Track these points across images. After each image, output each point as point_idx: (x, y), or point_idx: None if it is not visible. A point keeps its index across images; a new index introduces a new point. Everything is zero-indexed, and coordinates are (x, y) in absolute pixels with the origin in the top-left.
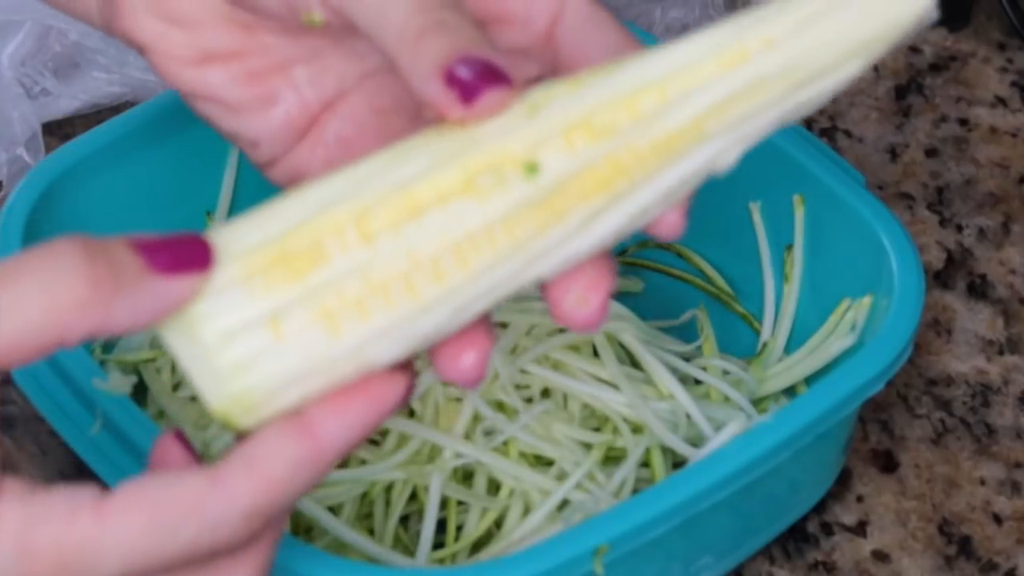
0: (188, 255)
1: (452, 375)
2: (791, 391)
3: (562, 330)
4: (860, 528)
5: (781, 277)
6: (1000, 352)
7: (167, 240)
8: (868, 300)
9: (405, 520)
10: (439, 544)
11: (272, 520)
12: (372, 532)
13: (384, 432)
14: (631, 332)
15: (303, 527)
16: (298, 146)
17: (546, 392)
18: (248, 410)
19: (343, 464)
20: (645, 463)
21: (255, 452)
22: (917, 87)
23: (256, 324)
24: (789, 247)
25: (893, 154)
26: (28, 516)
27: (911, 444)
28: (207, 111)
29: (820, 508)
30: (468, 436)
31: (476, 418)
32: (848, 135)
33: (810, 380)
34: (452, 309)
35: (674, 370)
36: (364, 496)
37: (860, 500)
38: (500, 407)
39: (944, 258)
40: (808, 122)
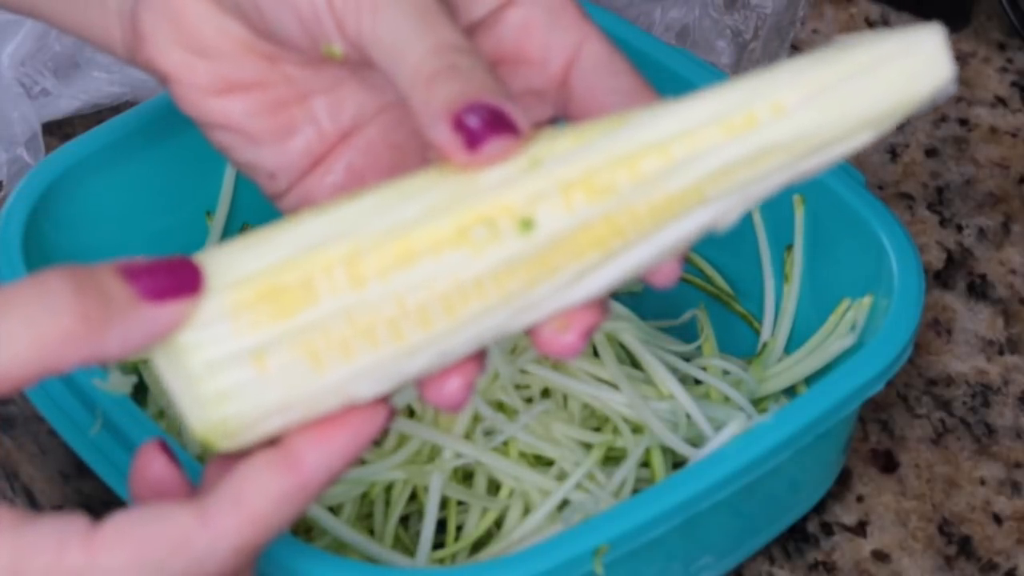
0: (177, 281)
1: (435, 399)
2: (791, 391)
3: None
4: (860, 528)
5: (781, 277)
6: (1000, 352)
7: (156, 265)
8: (868, 300)
9: (405, 520)
10: (439, 544)
11: (260, 551)
12: (372, 532)
13: (384, 432)
14: (631, 332)
15: (303, 527)
16: (309, 175)
17: (546, 392)
18: (228, 436)
19: None
20: (645, 463)
21: (241, 487)
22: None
23: (241, 358)
24: (789, 247)
25: (893, 154)
26: (18, 547)
27: (911, 444)
28: (226, 141)
29: (820, 508)
30: (468, 436)
31: (476, 418)
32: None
33: (810, 380)
34: (437, 354)
35: (674, 370)
36: (364, 496)
37: (860, 500)
38: (500, 407)
39: (944, 258)
40: None
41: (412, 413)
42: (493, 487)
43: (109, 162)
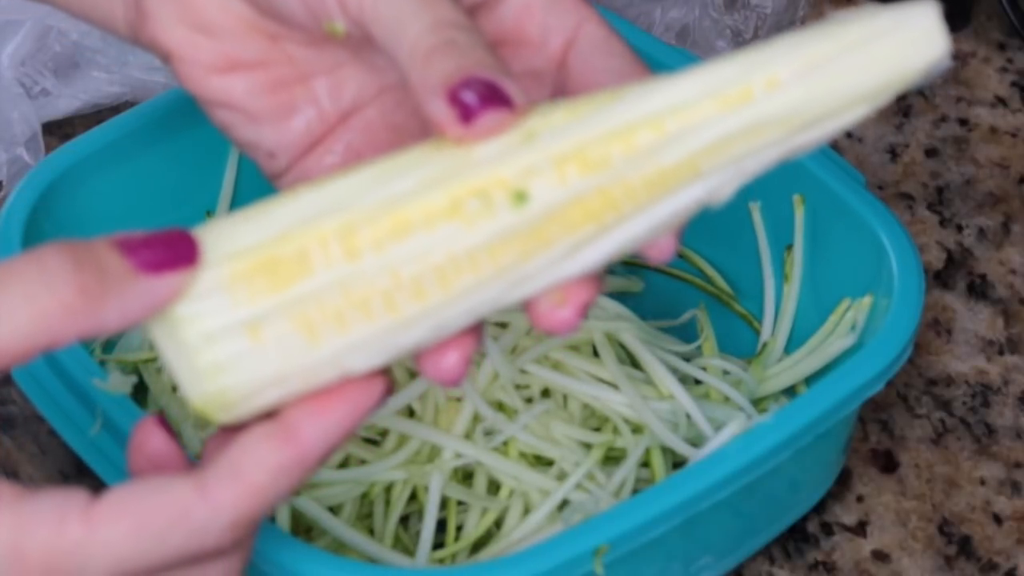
0: (174, 252)
1: (433, 373)
2: (791, 391)
3: None
4: (860, 528)
5: (781, 277)
6: (1000, 352)
7: (152, 238)
8: (868, 300)
9: (405, 520)
10: (439, 544)
11: (259, 522)
12: (372, 532)
13: (384, 432)
14: (631, 332)
15: (303, 527)
16: (308, 155)
17: (546, 392)
18: (225, 407)
19: (343, 464)
20: (645, 463)
21: (239, 459)
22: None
23: (236, 329)
24: (789, 247)
25: (893, 154)
26: (18, 522)
27: (911, 444)
28: (226, 119)
29: (820, 508)
30: (468, 436)
31: (476, 418)
32: (848, 135)
33: (810, 380)
34: (432, 327)
35: (674, 370)
36: (364, 496)
37: (860, 500)
38: (500, 407)
39: (944, 258)
40: None
41: (412, 413)
42: (493, 487)
43: (109, 162)
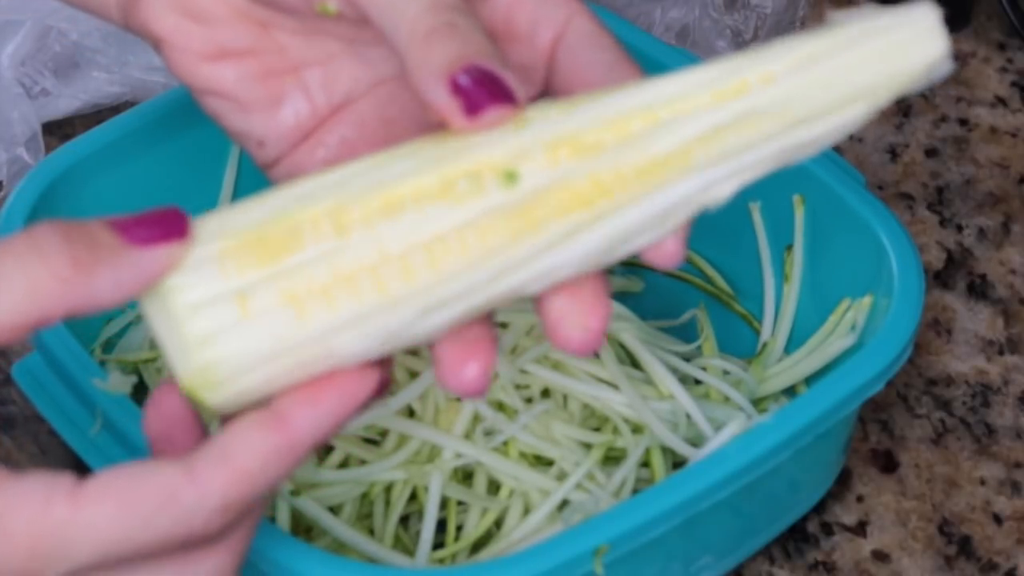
0: (165, 227)
1: (454, 385)
2: (791, 391)
3: None
4: (860, 528)
5: (781, 277)
6: (1000, 352)
7: (143, 215)
8: (868, 300)
9: (405, 520)
10: (439, 544)
11: (247, 509)
12: (372, 532)
13: (384, 432)
14: (631, 332)
15: (303, 527)
16: (300, 147)
17: (546, 392)
18: (214, 385)
19: (343, 464)
20: (645, 463)
21: (229, 444)
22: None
23: (225, 299)
24: (789, 247)
25: (893, 154)
26: (4, 502)
27: (911, 444)
28: (216, 108)
29: (820, 508)
30: (468, 436)
31: (476, 418)
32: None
33: (810, 380)
34: (419, 309)
35: (674, 370)
36: (364, 496)
37: (860, 500)
38: (500, 407)
39: (944, 258)
40: None
41: (412, 413)
42: (493, 487)
43: (109, 162)
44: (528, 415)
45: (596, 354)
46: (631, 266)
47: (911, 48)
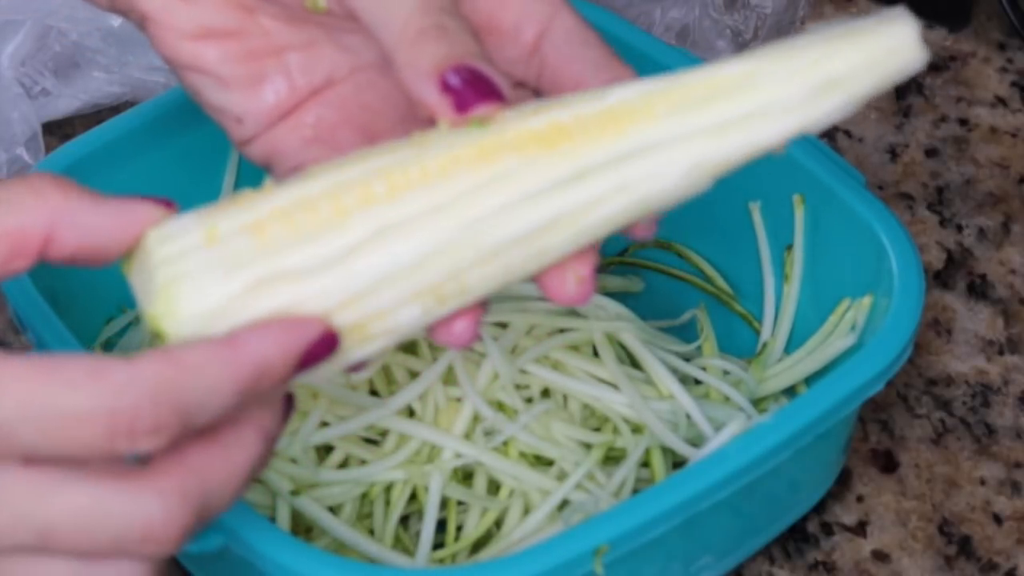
0: (152, 199)
1: (446, 339)
2: (791, 391)
3: (562, 330)
4: (860, 528)
5: (781, 277)
6: (1000, 352)
7: (133, 196)
8: (868, 300)
9: (405, 520)
10: (439, 544)
11: (185, 426)
12: (372, 532)
13: (384, 432)
14: (631, 332)
15: (303, 527)
16: (278, 125)
17: (546, 392)
18: (175, 305)
19: (343, 464)
20: (645, 463)
21: (172, 346)
22: (917, 87)
23: (192, 230)
24: (789, 247)
25: (893, 154)
26: None
27: (911, 444)
28: (195, 83)
29: (820, 508)
30: (468, 436)
31: (476, 418)
32: (848, 135)
33: (810, 380)
34: (387, 258)
35: (674, 370)
36: (364, 496)
37: (860, 500)
38: (500, 407)
39: (944, 258)
40: None
41: (412, 413)
42: (493, 487)
43: (109, 162)
44: (528, 415)
45: (596, 354)
46: (631, 266)
47: (882, 39)
